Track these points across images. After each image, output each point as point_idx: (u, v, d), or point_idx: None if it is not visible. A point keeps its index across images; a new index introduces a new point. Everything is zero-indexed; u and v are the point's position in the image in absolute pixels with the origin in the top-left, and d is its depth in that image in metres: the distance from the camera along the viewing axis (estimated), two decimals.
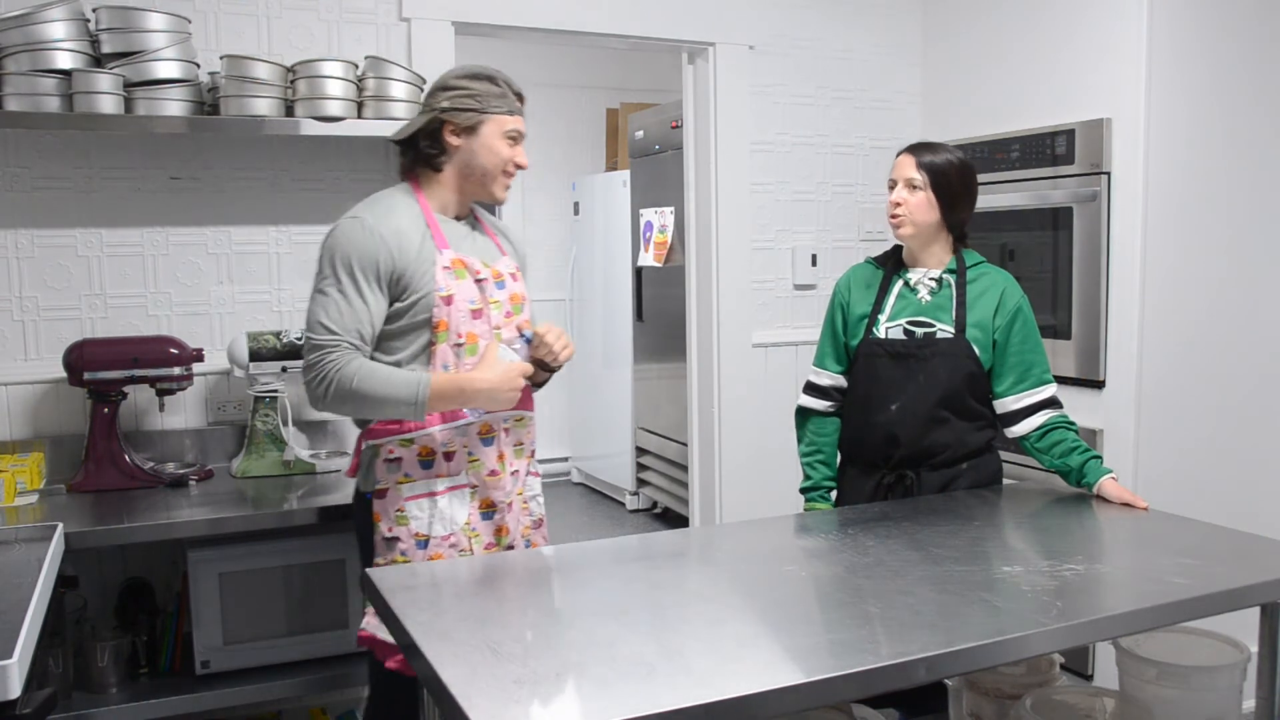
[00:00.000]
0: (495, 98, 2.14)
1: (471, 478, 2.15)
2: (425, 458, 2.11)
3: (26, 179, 2.75)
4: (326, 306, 2.04)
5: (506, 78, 2.18)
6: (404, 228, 2.08)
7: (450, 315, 2.09)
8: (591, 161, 6.56)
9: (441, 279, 2.08)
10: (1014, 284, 2.45)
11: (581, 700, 1.39)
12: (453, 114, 2.12)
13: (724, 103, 3.59)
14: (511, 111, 2.16)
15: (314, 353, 2.04)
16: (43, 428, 2.78)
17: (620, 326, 5.81)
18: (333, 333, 2.03)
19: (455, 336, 2.10)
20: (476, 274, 2.14)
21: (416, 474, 2.11)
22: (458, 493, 2.14)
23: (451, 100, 2.13)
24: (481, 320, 2.13)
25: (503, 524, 2.19)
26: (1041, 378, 2.41)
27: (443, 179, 2.18)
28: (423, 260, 2.08)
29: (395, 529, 2.10)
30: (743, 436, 3.68)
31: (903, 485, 2.43)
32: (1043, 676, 2.43)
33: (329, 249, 2.08)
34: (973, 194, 2.45)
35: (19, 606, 1.66)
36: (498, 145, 2.15)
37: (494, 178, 2.17)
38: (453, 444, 2.12)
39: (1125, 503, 2.30)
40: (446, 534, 2.11)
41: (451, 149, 2.15)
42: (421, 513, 2.11)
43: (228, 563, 2.55)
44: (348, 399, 2.03)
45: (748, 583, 1.90)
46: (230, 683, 2.54)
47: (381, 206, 2.12)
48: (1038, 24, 3.34)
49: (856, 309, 2.51)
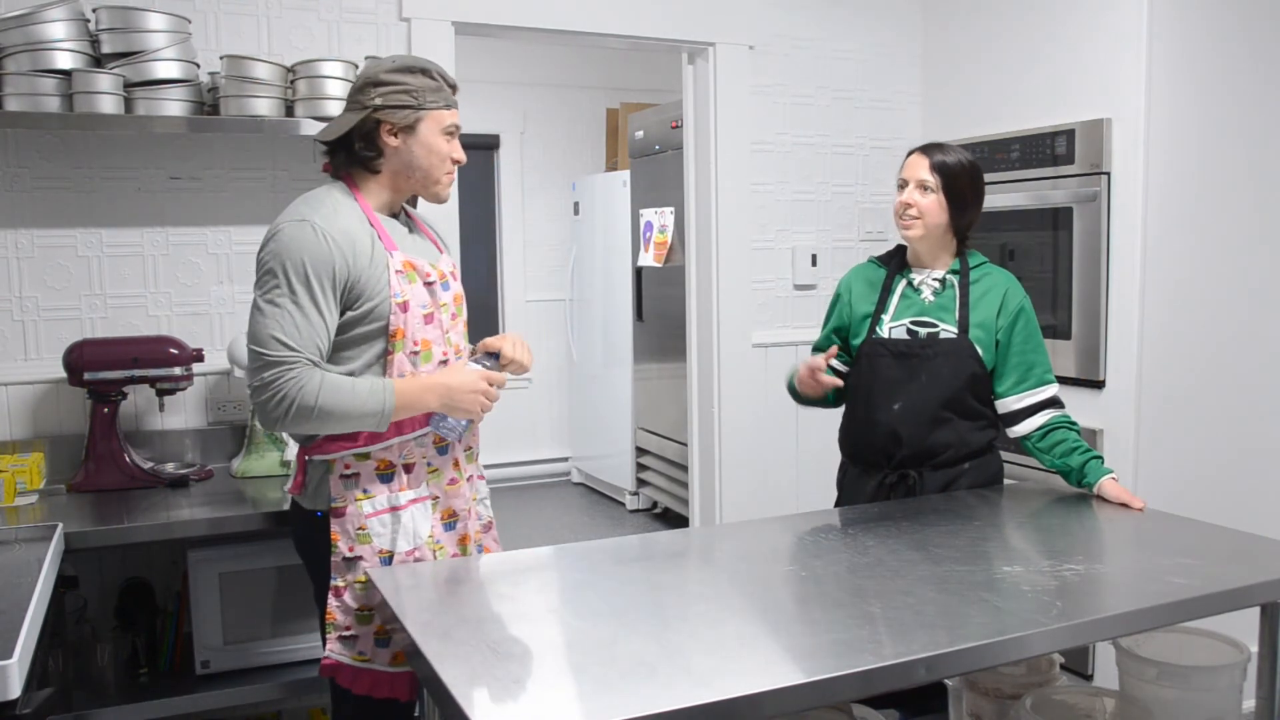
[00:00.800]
0: (431, 92, 2.01)
1: (433, 489, 2.06)
2: (384, 471, 2.00)
3: (26, 179, 2.75)
4: (280, 319, 1.87)
5: (441, 69, 2.05)
6: (353, 230, 1.94)
7: (406, 322, 1.97)
8: (591, 161, 6.56)
9: (395, 283, 1.96)
10: (1016, 284, 2.45)
11: (581, 700, 1.39)
12: (388, 112, 1.98)
13: (724, 103, 3.59)
14: (449, 105, 2.04)
15: (268, 370, 1.87)
16: (43, 428, 2.78)
17: (620, 326, 5.81)
18: (290, 348, 1.87)
19: (411, 344, 1.99)
20: (426, 276, 2.02)
21: (376, 489, 1.99)
22: (420, 505, 2.03)
23: (385, 97, 1.98)
24: (433, 325, 2.03)
25: (465, 533, 2.13)
26: (1043, 378, 2.41)
27: (379, 180, 2.05)
28: (375, 265, 1.95)
29: (357, 548, 1.98)
30: (743, 436, 3.68)
31: (904, 485, 2.43)
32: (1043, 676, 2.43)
33: (275, 255, 1.90)
34: (981, 196, 2.45)
35: (19, 606, 1.66)
36: (436, 142, 2.02)
37: (436, 178, 2.06)
38: (411, 455, 2.02)
39: (1122, 503, 2.30)
40: (411, 549, 2.01)
41: (389, 149, 2.01)
42: (384, 529, 1.99)
43: (228, 563, 2.55)
44: (309, 417, 1.88)
45: (748, 583, 1.90)
46: (230, 683, 2.54)
47: (326, 207, 1.95)
48: (1038, 24, 3.34)
49: (859, 308, 2.51)
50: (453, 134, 2.06)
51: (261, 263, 1.93)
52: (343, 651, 1.99)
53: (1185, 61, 3.01)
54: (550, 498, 6.19)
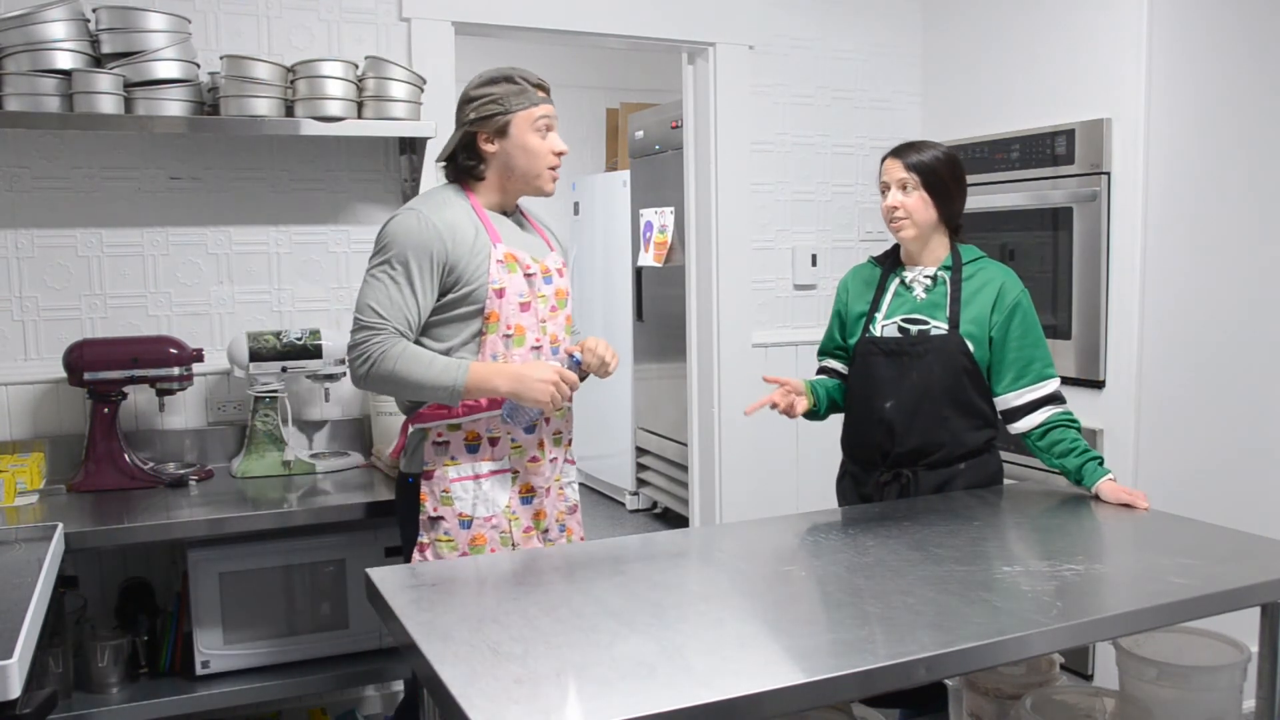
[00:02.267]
0: (515, 95, 2.19)
1: (514, 463, 2.23)
2: (471, 442, 2.19)
3: (26, 179, 2.76)
4: (377, 291, 2.11)
5: (523, 72, 2.22)
6: (458, 221, 2.15)
7: (501, 307, 2.16)
8: (591, 161, 6.56)
9: (495, 272, 2.15)
10: (1013, 278, 2.43)
11: (581, 700, 1.39)
12: (481, 123, 2.19)
13: (724, 103, 3.59)
14: (534, 103, 2.20)
15: (360, 333, 2.12)
16: (43, 428, 2.78)
17: (620, 326, 5.81)
18: (381, 317, 2.10)
19: (505, 328, 2.17)
20: (526, 269, 2.21)
21: (462, 457, 2.19)
22: (500, 477, 2.21)
23: (476, 110, 2.19)
24: (529, 313, 2.21)
25: (541, 508, 2.28)
26: (1043, 373, 2.39)
27: (488, 184, 2.25)
28: (476, 253, 2.15)
29: (440, 509, 2.18)
30: (743, 436, 3.68)
31: (899, 484, 2.42)
32: (1043, 676, 2.43)
33: (386, 236, 2.14)
34: (963, 184, 2.45)
35: (19, 606, 1.66)
36: (530, 140, 2.20)
37: (537, 173, 2.23)
38: (497, 430, 2.20)
39: (1125, 503, 2.30)
40: (489, 515, 2.19)
41: (489, 156, 2.21)
42: (466, 494, 2.18)
43: (228, 563, 2.55)
44: (387, 380, 2.10)
45: (748, 583, 1.90)
46: (230, 683, 2.54)
47: (435, 199, 2.19)
48: (1037, 24, 3.34)
49: (855, 308, 2.52)
50: (546, 128, 2.22)
51: (376, 243, 2.17)
52: None
53: (1185, 61, 3.01)
54: None
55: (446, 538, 2.18)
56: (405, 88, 2.81)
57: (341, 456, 2.92)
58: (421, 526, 2.20)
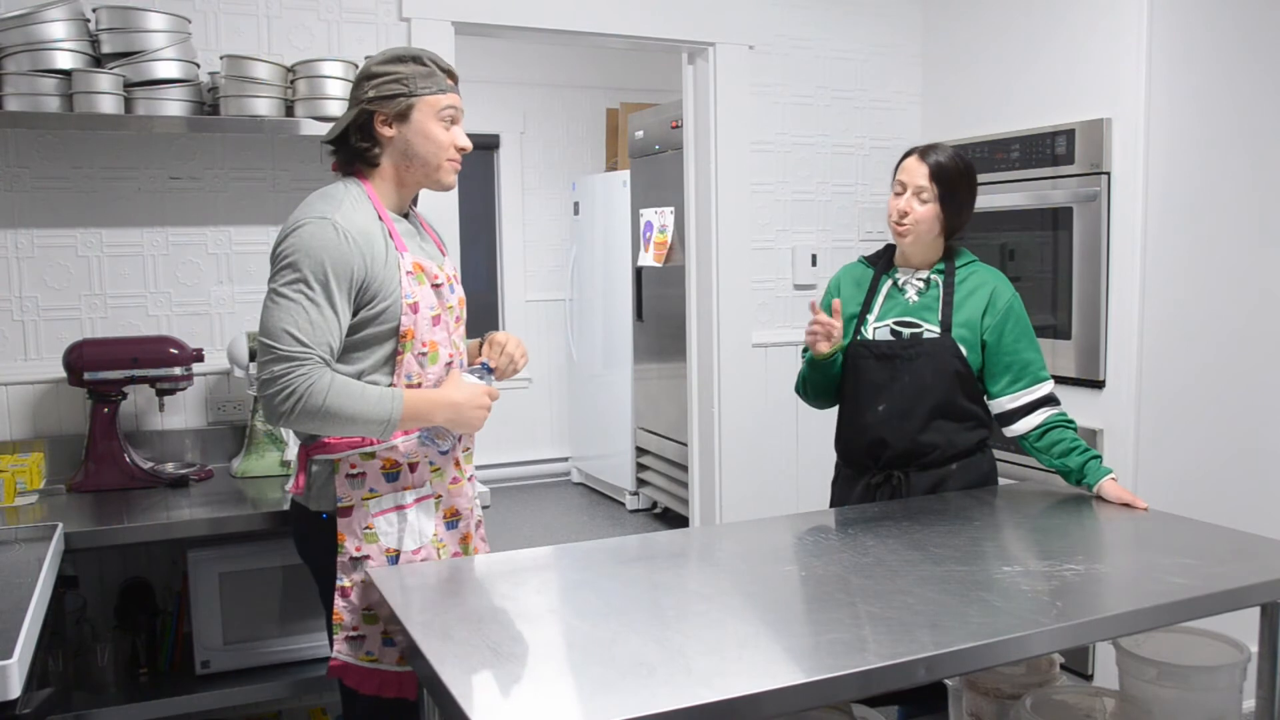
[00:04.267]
0: (423, 78, 2.00)
1: (436, 488, 2.07)
2: (390, 470, 2.00)
3: (26, 179, 2.76)
4: (294, 314, 1.86)
5: (434, 56, 2.04)
6: (369, 229, 1.94)
7: (416, 323, 1.98)
8: (591, 161, 6.56)
9: (406, 284, 1.96)
10: (1005, 282, 2.43)
11: (581, 700, 1.39)
12: (380, 102, 1.98)
13: (724, 103, 3.59)
14: (442, 90, 2.02)
15: (279, 364, 1.85)
16: (43, 428, 2.78)
17: (620, 326, 5.81)
18: (302, 344, 1.85)
19: (419, 345, 1.99)
20: (434, 279, 2.03)
21: (382, 488, 2.00)
22: (424, 504, 2.04)
23: (377, 88, 1.98)
24: (440, 327, 2.04)
25: (467, 531, 2.14)
26: (1037, 375, 2.39)
27: (383, 173, 2.04)
28: (389, 265, 1.95)
29: (364, 547, 1.98)
30: (743, 436, 3.68)
31: (890, 485, 2.42)
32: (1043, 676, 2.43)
33: (296, 249, 1.88)
34: (974, 198, 2.44)
35: (19, 606, 1.66)
36: (432, 129, 2.00)
37: (438, 164, 2.03)
38: (415, 455, 2.03)
39: (1125, 503, 2.30)
40: (416, 548, 2.02)
41: (385, 140, 2.01)
42: (391, 528, 2.00)
43: (228, 563, 2.55)
44: (315, 416, 1.86)
45: (748, 583, 1.90)
46: (230, 683, 2.54)
47: (346, 205, 1.95)
48: (1037, 24, 3.34)
49: (846, 309, 2.50)
50: (451, 120, 2.04)
51: (280, 255, 1.91)
52: (350, 652, 1.99)
53: (1185, 61, 3.01)
54: (550, 498, 6.19)
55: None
56: None
57: None
58: (341, 569, 1.98)
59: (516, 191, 6.45)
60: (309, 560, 2.11)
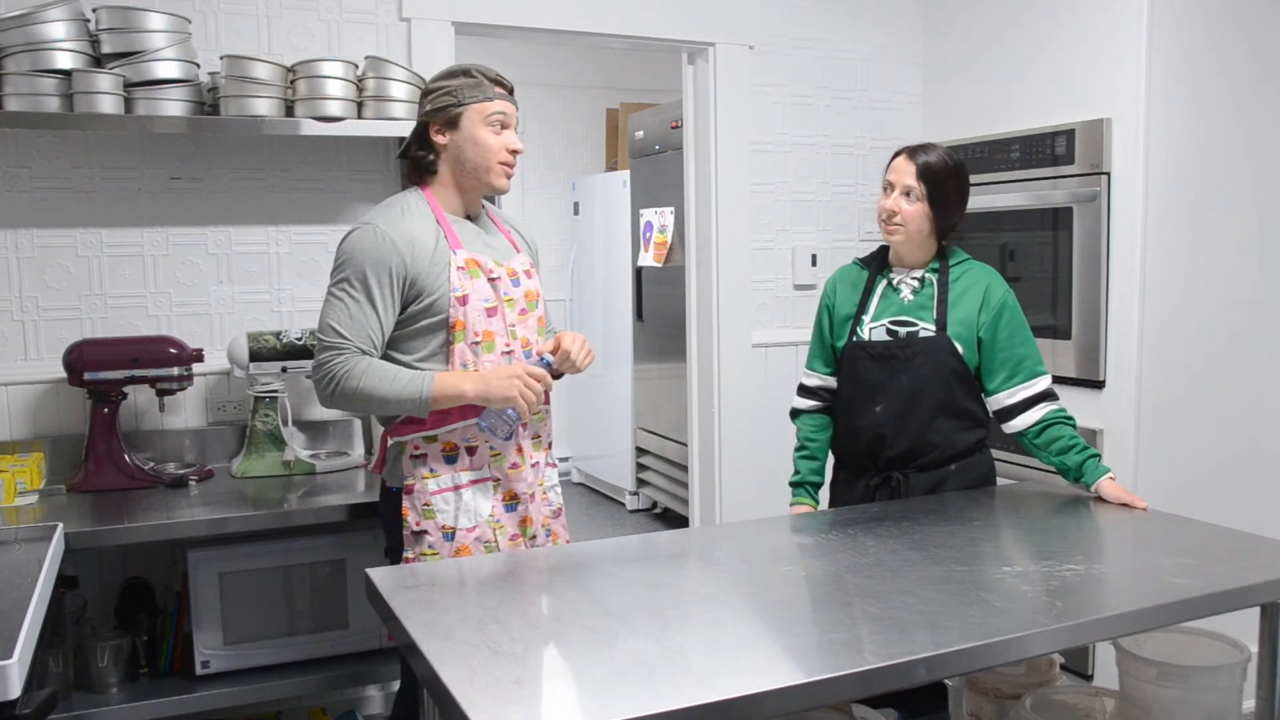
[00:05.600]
0: (470, 88, 2.17)
1: (494, 471, 2.21)
2: (449, 453, 2.17)
3: (26, 179, 2.76)
4: (338, 311, 2.09)
5: (482, 68, 2.20)
6: (417, 232, 2.12)
7: (466, 314, 2.13)
8: (591, 161, 6.56)
9: (456, 279, 2.13)
10: (998, 279, 2.43)
11: (581, 700, 1.39)
12: (433, 114, 2.18)
13: (724, 103, 3.59)
14: (489, 98, 2.18)
15: (323, 353, 2.10)
16: (43, 428, 2.78)
17: (620, 326, 5.81)
18: (342, 336, 2.08)
19: (472, 335, 2.14)
20: (490, 273, 2.18)
21: (441, 469, 2.17)
22: (481, 486, 2.19)
23: (432, 102, 2.18)
24: (497, 318, 2.18)
25: (527, 515, 2.25)
26: (1034, 370, 2.39)
27: (442, 179, 2.22)
28: (436, 263, 2.12)
29: (423, 522, 2.16)
30: (743, 436, 3.68)
31: (889, 486, 2.42)
32: (1043, 676, 2.43)
33: (344, 253, 2.12)
34: (965, 198, 2.44)
35: (19, 606, 1.66)
36: (481, 134, 2.17)
37: (488, 167, 2.19)
38: (475, 439, 2.18)
39: (1124, 503, 2.30)
40: (471, 526, 2.17)
41: (440, 148, 2.19)
42: (447, 506, 2.16)
43: (228, 563, 2.55)
44: (353, 398, 2.08)
45: (748, 583, 1.90)
46: (230, 683, 2.54)
47: (394, 211, 2.15)
48: (1037, 24, 3.34)
49: (842, 310, 2.51)
50: (500, 124, 2.19)
51: (334, 260, 2.15)
52: None
53: (1185, 61, 3.01)
54: None
55: (431, 551, 2.16)
56: (405, 88, 2.81)
57: (341, 456, 2.92)
58: (405, 541, 2.18)
59: (516, 192, 6.45)
60: (387, 531, 2.28)
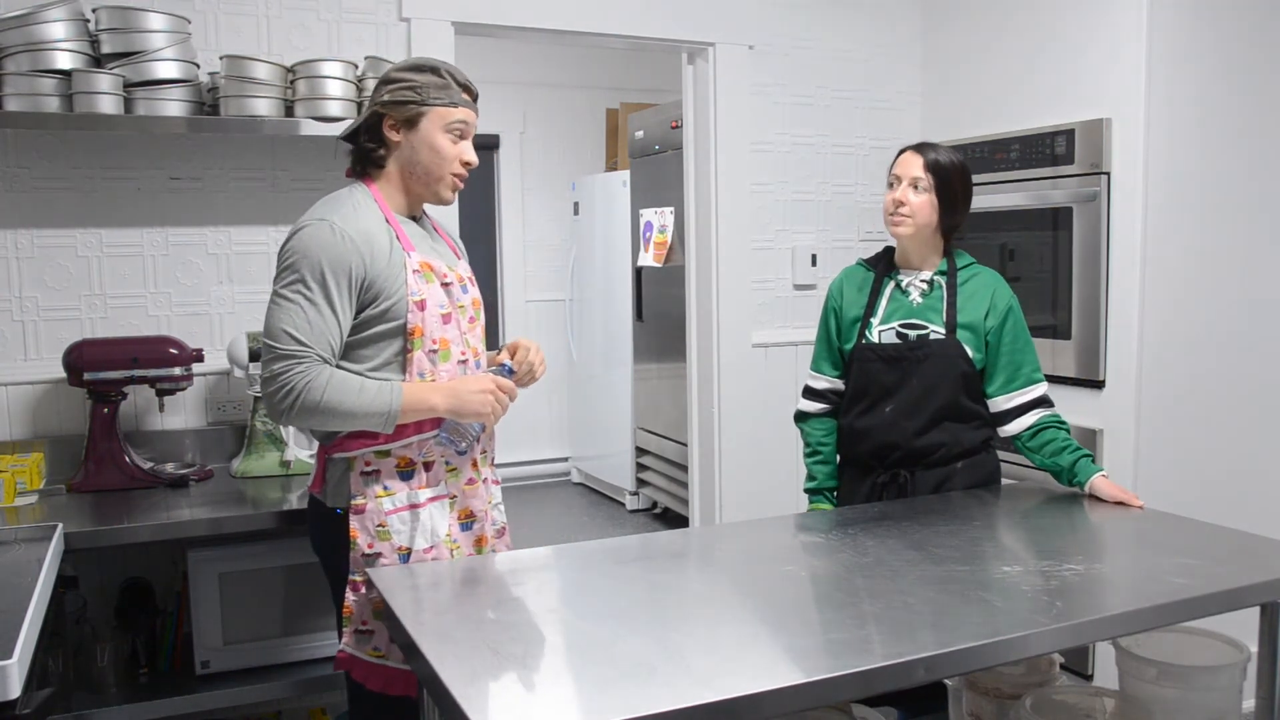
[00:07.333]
0: (437, 89, 2.01)
1: (451, 488, 2.08)
2: (404, 469, 2.02)
3: (26, 179, 2.76)
4: (293, 315, 1.90)
5: (452, 68, 2.05)
6: (372, 230, 1.97)
7: (424, 320, 1.99)
8: (591, 161, 6.56)
9: (413, 282, 1.98)
10: (1004, 284, 2.45)
11: (581, 700, 1.39)
12: (392, 107, 2.01)
13: (724, 103, 3.59)
14: (454, 103, 2.03)
15: (278, 363, 1.90)
16: (43, 428, 2.78)
17: (620, 326, 5.81)
18: (301, 344, 1.89)
19: (430, 343, 2.00)
20: (443, 278, 2.04)
21: (396, 486, 2.01)
22: (438, 503, 2.05)
23: (391, 93, 2.01)
24: (452, 325, 2.05)
25: (481, 533, 2.14)
26: (1031, 377, 2.41)
27: (389, 176, 2.06)
28: (393, 264, 1.97)
29: (377, 544, 1.99)
30: (743, 436, 3.68)
31: (896, 484, 2.43)
32: (1043, 676, 2.43)
33: (297, 251, 1.93)
34: (970, 198, 2.46)
35: (19, 606, 1.66)
36: (439, 140, 2.02)
37: (439, 177, 2.05)
38: (431, 454, 2.04)
39: (1119, 500, 2.30)
40: (428, 547, 2.02)
41: (392, 144, 2.03)
42: (404, 526, 2.01)
43: (228, 563, 2.55)
44: (315, 412, 1.90)
45: (748, 583, 1.91)
46: (230, 683, 2.54)
47: (346, 207, 1.98)
48: (1037, 24, 3.34)
49: (849, 312, 2.51)
50: (460, 134, 2.05)
51: (282, 258, 1.96)
52: (357, 646, 2.01)
53: (1185, 61, 3.01)
54: (550, 498, 6.19)
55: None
56: None
57: None
58: (353, 564, 1.99)
59: (516, 192, 6.45)
60: (322, 555, 2.13)
